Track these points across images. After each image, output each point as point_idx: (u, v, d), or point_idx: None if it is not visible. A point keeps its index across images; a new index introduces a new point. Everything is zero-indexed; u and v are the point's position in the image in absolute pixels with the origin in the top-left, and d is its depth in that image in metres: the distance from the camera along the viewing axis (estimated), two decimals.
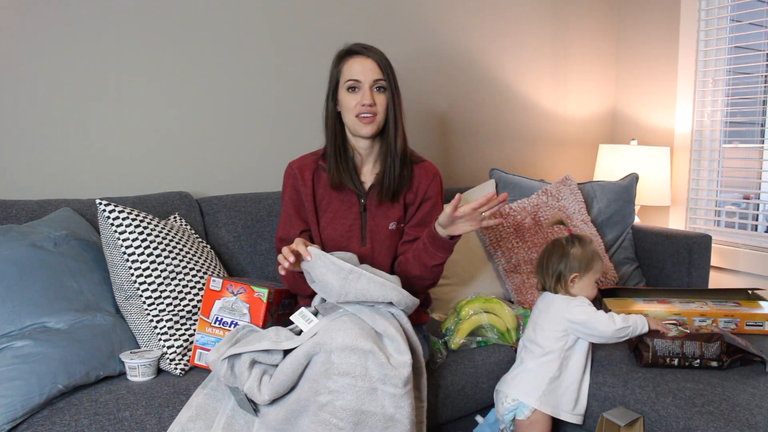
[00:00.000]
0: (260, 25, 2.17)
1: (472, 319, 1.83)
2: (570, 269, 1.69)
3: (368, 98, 1.53)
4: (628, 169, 2.67)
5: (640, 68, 3.05)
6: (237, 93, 2.15)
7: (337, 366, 1.25)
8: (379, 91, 1.55)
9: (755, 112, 2.74)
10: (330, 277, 1.35)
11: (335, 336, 1.27)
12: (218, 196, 2.03)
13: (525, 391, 1.64)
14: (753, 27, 2.71)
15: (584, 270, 1.70)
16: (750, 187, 2.85)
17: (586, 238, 1.76)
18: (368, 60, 1.55)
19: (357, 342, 1.27)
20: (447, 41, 2.62)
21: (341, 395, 1.24)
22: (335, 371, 1.25)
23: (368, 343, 1.27)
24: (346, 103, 1.56)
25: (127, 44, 1.94)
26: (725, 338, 1.62)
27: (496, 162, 2.81)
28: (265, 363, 1.35)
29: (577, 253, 1.70)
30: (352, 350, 1.26)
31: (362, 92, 1.54)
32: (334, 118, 1.60)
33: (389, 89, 1.56)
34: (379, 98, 1.55)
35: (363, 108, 1.53)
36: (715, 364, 1.62)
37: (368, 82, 1.53)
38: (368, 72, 1.54)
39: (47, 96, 1.83)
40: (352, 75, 1.54)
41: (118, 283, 1.56)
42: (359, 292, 1.35)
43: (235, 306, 1.55)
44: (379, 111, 1.55)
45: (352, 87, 1.54)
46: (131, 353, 1.49)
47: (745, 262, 2.61)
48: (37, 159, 1.84)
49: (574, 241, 1.73)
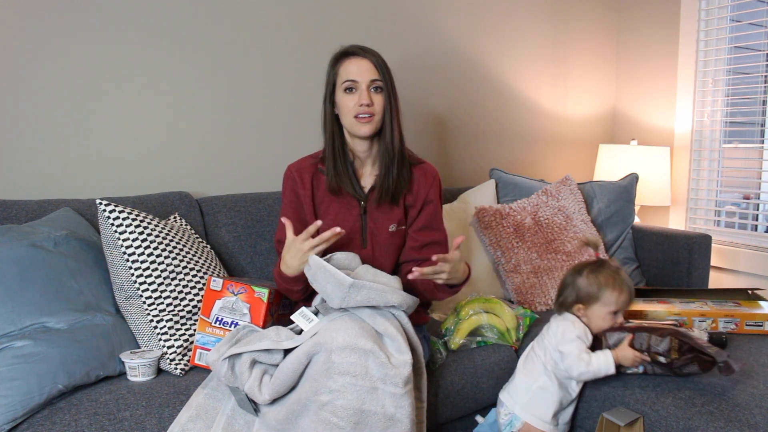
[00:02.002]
0: (260, 25, 2.17)
1: (472, 319, 1.83)
2: (574, 299, 1.61)
3: (366, 98, 1.53)
4: (628, 169, 2.67)
5: (640, 68, 3.05)
6: (237, 93, 2.15)
7: (338, 365, 1.25)
8: (377, 92, 1.55)
9: (755, 112, 2.74)
10: (330, 289, 1.35)
11: (336, 335, 1.27)
12: (218, 196, 2.03)
13: (519, 403, 1.63)
14: (753, 27, 2.71)
15: (587, 301, 1.60)
16: (750, 187, 2.85)
17: (610, 265, 1.62)
18: (365, 60, 1.55)
19: (358, 341, 1.27)
20: (447, 41, 2.62)
21: (342, 394, 1.24)
22: (336, 370, 1.25)
23: (369, 343, 1.27)
24: (343, 104, 1.56)
25: (127, 44, 1.94)
26: (678, 335, 1.54)
27: (496, 162, 2.81)
28: (265, 363, 1.35)
29: (582, 284, 1.60)
30: (353, 350, 1.26)
31: (359, 93, 1.53)
32: (332, 121, 1.59)
33: (386, 89, 1.56)
34: (376, 98, 1.55)
35: (361, 108, 1.53)
36: (662, 360, 1.54)
37: (365, 82, 1.53)
38: (365, 72, 1.54)
39: (47, 96, 1.83)
40: (349, 76, 1.54)
41: (118, 283, 1.56)
42: (360, 301, 1.36)
43: (235, 306, 1.55)
44: (377, 111, 1.55)
45: (350, 88, 1.54)
46: (131, 353, 1.49)
47: (745, 262, 2.61)
48: (37, 159, 1.84)
49: (587, 269, 1.61)
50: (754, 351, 1.72)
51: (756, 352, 1.72)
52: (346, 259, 1.48)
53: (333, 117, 1.59)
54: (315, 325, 1.36)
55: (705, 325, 1.87)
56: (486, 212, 2.24)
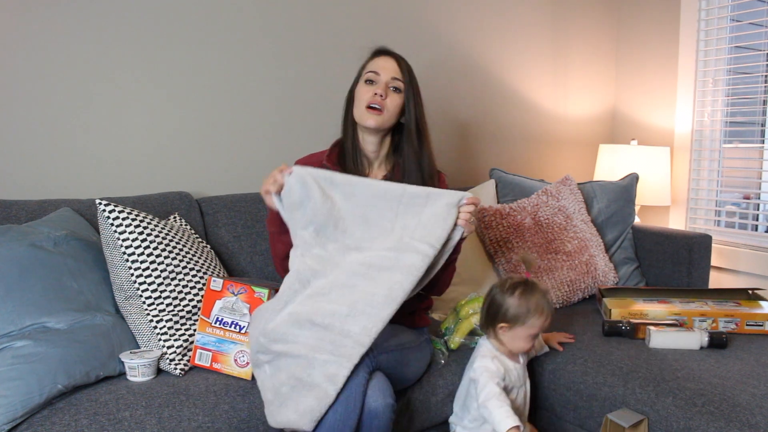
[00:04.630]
0: (260, 25, 2.17)
1: (472, 318, 1.83)
2: (501, 318, 1.55)
3: (381, 89, 1.56)
4: (628, 169, 2.67)
5: (640, 68, 3.05)
6: (237, 93, 2.15)
7: None
8: (395, 92, 1.58)
9: (755, 112, 2.74)
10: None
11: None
12: (218, 196, 2.03)
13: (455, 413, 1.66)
14: (753, 27, 2.71)
15: (513, 322, 1.54)
16: (750, 187, 2.85)
17: (540, 289, 1.57)
18: (391, 60, 1.60)
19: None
20: (446, 42, 2.62)
21: None
22: None
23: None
24: (359, 94, 1.59)
25: (127, 44, 1.94)
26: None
27: (496, 162, 2.81)
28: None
29: (512, 304, 1.54)
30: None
31: (377, 85, 1.58)
32: (352, 115, 1.63)
33: (408, 95, 1.59)
34: (392, 97, 1.58)
35: (374, 98, 1.56)
36: None
37: (386, 78, 1.58)
38: (389, 69, 1.59)
39: (47, 96, 1.83)
40: (372, 68, 1.59)
41: (118, 283, 1.55)
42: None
43: (235, 306, 1.55)
44: (388, 108, 1.57)
45: (370, 80, 1.59)
46: (131, 353, 1.49)
47: (745, 262, 2.61)
48: (37, 159, 1.84)
49: (519, 290, 1.55)
50: (754, 351, 1.72)
51: (756, 352, 1.72)
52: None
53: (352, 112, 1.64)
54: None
55: (705, 325, 1.87)
56: (486, 212, 2.24)
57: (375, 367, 1.38)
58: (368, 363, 1.35)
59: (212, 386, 1.46)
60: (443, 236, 1.44)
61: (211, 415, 1.37)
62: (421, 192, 1.47)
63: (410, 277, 1.39)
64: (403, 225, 1.45)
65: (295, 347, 1.34)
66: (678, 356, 1.68)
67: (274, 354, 1.36)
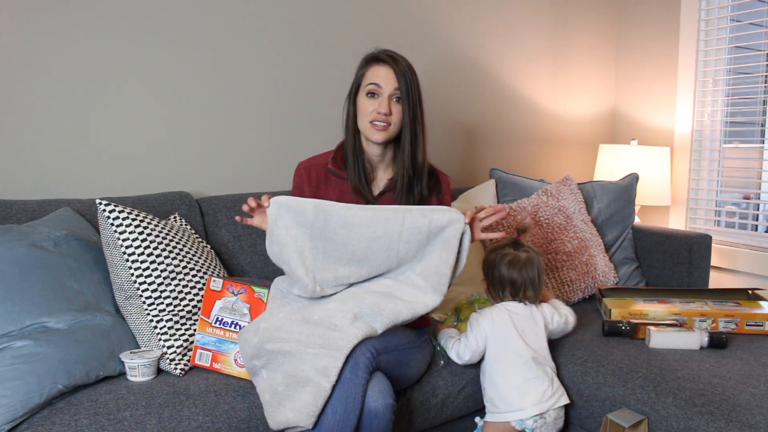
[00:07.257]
0: (260, 25, 2.17)
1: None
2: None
3: (385, 107, 1.55)
4: (628, 169, 2.67)
5: (640, 68, 3.05)
6: (237, 93, 2.15)
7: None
8: (398, 102, 1.58)
9: (755, 112, 2.74)
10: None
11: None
12: (218, 196, 2.03)
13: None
14: (753, 27, 2.71)
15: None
16: (750, 187, 2.85)
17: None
18: (392, 70, 1.56)
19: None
20: (446, 42, 2.62)
21: None
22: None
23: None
24: (363, 107, 1.58)
25: (127, 44, 1.94)
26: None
27: (496, 162, 2.81)
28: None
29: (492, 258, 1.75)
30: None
31: (381, 100, 1.56)
32: (354, 121, 1.62)
33: (409, 101, 1.57)
34: (395, 108, 1.57)
35: (378, 116, 1.55)
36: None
37: (388, 91, 1.56)
38: (391, 81, 1.56)
39: (47, 96, 1.83)
40: (374, 80, 1.57)
41: (118, 283, 1.55)
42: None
43: (235, 306, 1.56)
44: (394, 122, 1.57)
45: (372, 93, 1.57)
46: (131, 353, 1.49)
47: (745, 262, 2.61)
48: (37, 159, 1.84)
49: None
50: (754, 351, 1.72)
51: (756, 352, 1.72)
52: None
53: (354, 117, 1.62)
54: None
55: (705, 325, 1.87)
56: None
57: (375, 367, 1.38)
58: (368, 363, 1.35)
59: (212, 386, 1.46)
60: (449, 273, 1.48)
61: (211, 415, 1.37)
62: (423, 227, 1.46)
63: (411, 312, 1.45)
64: (407, 267, 1.50)
65: (287, 344, 1.36)
66: (678, 356, 1.68)
67: (268, 355, 1.37)
